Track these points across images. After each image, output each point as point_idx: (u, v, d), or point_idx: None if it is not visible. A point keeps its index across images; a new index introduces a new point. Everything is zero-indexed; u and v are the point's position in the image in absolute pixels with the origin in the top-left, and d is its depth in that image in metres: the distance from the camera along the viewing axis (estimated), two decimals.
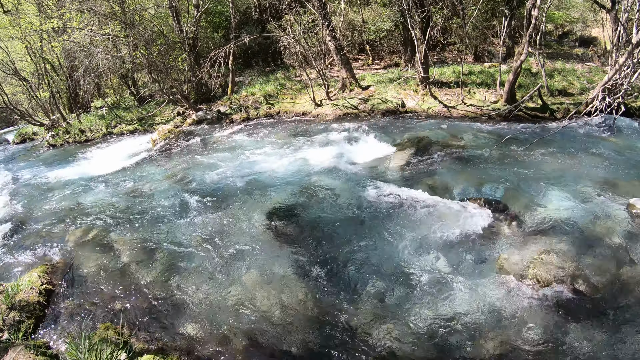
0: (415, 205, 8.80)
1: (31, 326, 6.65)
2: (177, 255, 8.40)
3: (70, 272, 8.49)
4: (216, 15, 25.38)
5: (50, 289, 7.72)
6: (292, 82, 19.98)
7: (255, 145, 14.34)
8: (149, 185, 12.21)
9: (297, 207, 9.46)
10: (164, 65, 20.73)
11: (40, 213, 12.13)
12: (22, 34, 24.32)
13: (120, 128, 22.02)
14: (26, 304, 7.03)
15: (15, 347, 5.59)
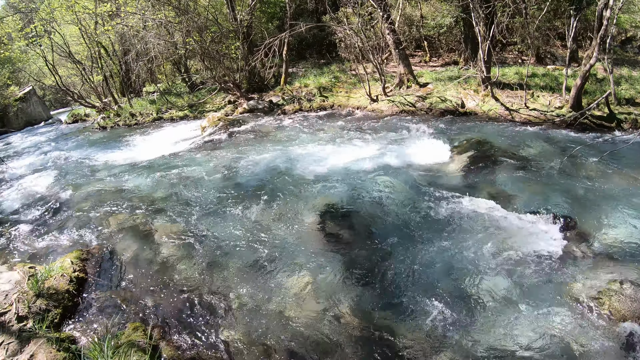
0: (475, 215, 8.01)
1: (57, 316, 6.27)
2: (218, 251, 7.85)
3: (106, 260, 8.10)
4: (271, 5, 25.24)
5: (83, 278, 7.36)
6: (347, 75, 19.51)
7: (307, 138, 13.86)
8: (196, 174, 11.92)
9: (350, 208, 8.75)
10: (217, 53, 20.64)
11: (84, 194, 12.04)
12: (76, 18, 24.69)
13: (170, 113, 22.13)
14: (55, 292, 6.66)
15: (37, 339, 5.37)
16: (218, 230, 8.47)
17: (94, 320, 6.34)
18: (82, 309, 6.68)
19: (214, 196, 10.11)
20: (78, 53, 29.80)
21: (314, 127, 15.15)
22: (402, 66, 17.14)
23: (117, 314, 6.42)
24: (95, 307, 6.67)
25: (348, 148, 12.18)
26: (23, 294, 6.48)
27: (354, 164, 10.90)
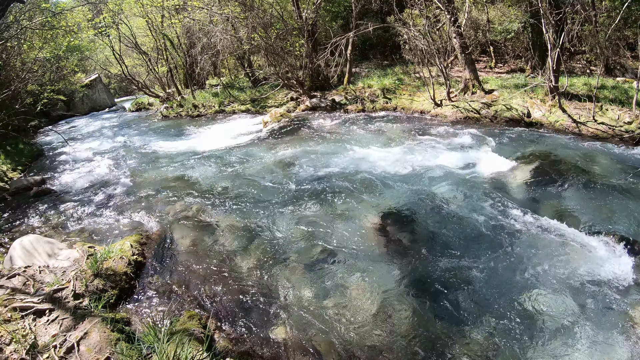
0: (537, 231, 7.79)
1: (113, 297, 6.44)
2: (276, 247, 7.84)
3: (164, 246, 8.25)
4: (335, 4, 25.34)
5: (141, 262, 7.53)
6: (411, 78, 19.42)
7: (369, 139, 13.86)
8: (256, 168, 12.10)
9: (411, 213, 8.65)
10: (281, 50, 20.93)
11: (145, 180, 12.47)
12: (144, 11, 25.39)
13: (232, 107, 22.58)
14: (113, 274, 6.84)
15: (92, 318, 5.44)
16: (277, 226, 8.55)
17: (149, 304, 6.51)
18: (138, 292, 6.85)
19: (274, 191, 10.25)
20: (144, 44, 30.73)
21: (377, 129, 15.15)
22: (467, 71, 16.95)
23: (173, 300, 6.57)
24: (151, 292, 6.84)
25: (410, 152, 12.12)
26: (81, 272, 6.72)
27: (416, 168, 10.88)
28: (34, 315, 5.62)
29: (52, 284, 6.47)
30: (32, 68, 20.24)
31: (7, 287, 6.56)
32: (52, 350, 4.82)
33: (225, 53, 23.46)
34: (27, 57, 18.91)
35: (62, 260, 7.40)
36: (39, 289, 6.41)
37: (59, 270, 7.03)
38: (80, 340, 4.99)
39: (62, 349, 4.85)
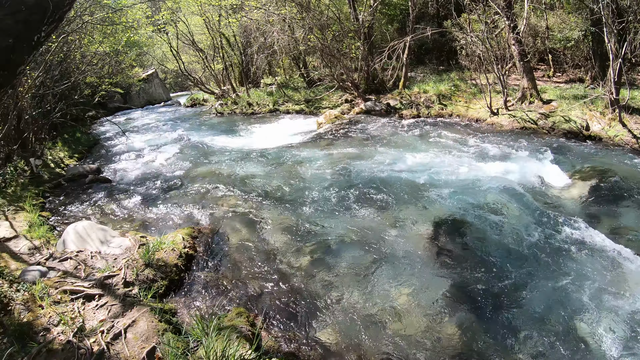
0: (593, 250, 7.38)
1: (163, 288, 6.48)
2: (326, 249, 7.72)
3: (215, 241, 8.27)
4: (391, 7, 25.27)
5: (191, 255, 7.55)
6: (467, 84, 19.09)
7: (424, 145, 13.67)
8: (309, 168, 12.05)
9: (463, 224, 8.36)
10: (337, 51, 21.10)
11: (198, 174, 12.58)
12: (201, 10, 25.99)
13: (286, 106, 22.78)
14: (164, 265, 6.86)
15: (141, 307, 5.45)
16: (327, 227, 8.46)
17: (197, 297, 6.51)
18: (187, 284, 6.88)
19: (326, 193, 10.18)
20: (201, 42, 31.33)
21: (431, 135, 14.92)
22: (525, 80, 16.81)
23: (221, 295, 6.54)
24: (200, 285, 6.85)
25: (465, 161, 11.91)
26: (132, 261, 6.80)
27: (469, 178, 10.64)
28: (83, 299, 5.73)
29: (103, 270, 6.59)
30: (91, 61, 20.95)
31: (58, 269, 6.76)
32: (99, 335, 4.89)
33: (282, 53, 23.92)
34: (87, 50, 19.60)
35: (114, 248, 7.58)
36: (89, 274, 6.56)
37: (110, 257, 7.21)
38: (127, 327, 5.04)
39: (109, 334, 4.92)
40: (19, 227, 8.97)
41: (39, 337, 4.91)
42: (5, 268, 6.50)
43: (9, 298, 5.45)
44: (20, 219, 9.51)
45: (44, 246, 7.95)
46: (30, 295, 5.61)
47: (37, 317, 5.22)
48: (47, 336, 4.91)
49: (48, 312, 5.32)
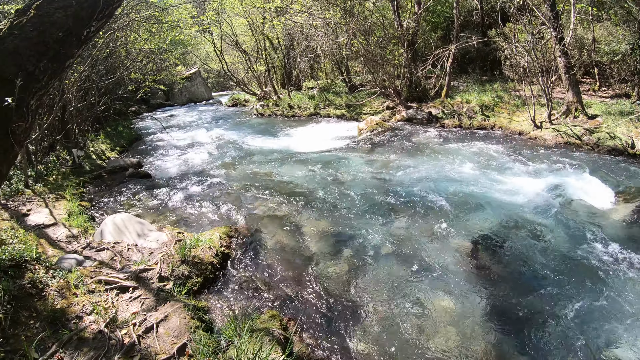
0: (634, 276, 7.04)
1: (197, 285, 6.50)
2: (362, 256, 7.65)
3: (251, 242, 8.24)
4: (435, 14, 25.10)
5: (227, 254, 7.56)
6: (510, 96, 18.76)
7: (465, 157, 13.42)
8: (348, 175, 11.99)
9: (503, 240, 8.20)
10: (380, 57, 21.03)
11: (237, 174, 12.68)
12: (245, 11, 26.27)
13: (327, 111, 22.78)
14: (199, 262, 6.90)
15: (174, 302, 5.49)
16: (364, 235, 8.37)
17: (231, 297, 6.49)
18: (221, 283, 6.88)
19: (365, 200, 10.11)
20: (244, 43, 31.71)
21: (473, 147, 14.69)
22: (571, 93, 16.41)
23: (255, 297, 6.52)
24: (234, 285, 6.84)
25: (506, 174, 11.69)
26: (168, 256, 6.86)
27: (510, 193, 10.46)
28: (117, 290, 5.81)
29: (139, 263, 6.67)
30: (136, 58, 21.38)
31: (94, 259, 6.87)
32: (131, 327, 4.93)
33: (325, 57, 23.98)
34: (133, 47, 20.00)
35: (151, 242, 7.67)
36: (125, 266, 6.65)
37: (146, 251, 7.28)
38: (159, 322, 5.08)
39: (141, 327, 4.96)
40: (58, 214, 9.17)
41: (70, 324, 4.98)
42: (42, 254, 6.60)
43: (44, 284, 5.54)
44: (60, 207, 9.72)
45: (81, 235, 8.11)
46: (65, 282, 5.71)
47: (71, 305, 5.30)
48: (79, 324, 4.97)
49: (82, 301, 5.40)
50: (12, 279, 5.42)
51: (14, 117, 3.30)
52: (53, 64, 3.47)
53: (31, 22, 3.36)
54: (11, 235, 7.18)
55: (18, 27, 3.36)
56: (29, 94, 3.38)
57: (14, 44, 3.32)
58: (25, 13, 3.41)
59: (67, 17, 3.40)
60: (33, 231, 8.06)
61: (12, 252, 5.88)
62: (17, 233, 7.54)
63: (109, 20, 3.85)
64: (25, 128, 3.45)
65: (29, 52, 3.32)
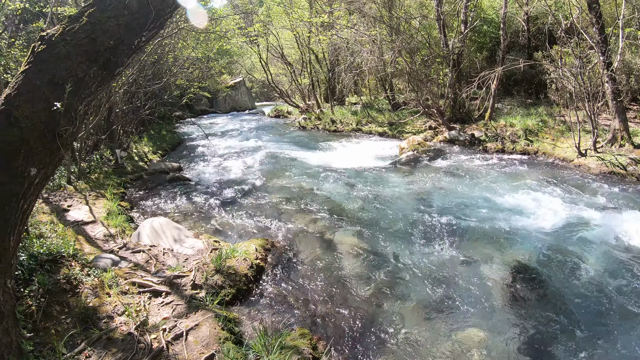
0: None
1: (229, 296, 6.43)
2: (396, 279, 7.52)
3: (286, 256, 8.16)
4: (481, 34, 24.86)
5: (261, 267, 7.50)
6: (555, 121, 18.25)
7: (506, 183, 13.09)
8: (387, 194, 11.84)
9: (540, 272, 7.89)
10: (424, 76, 20.98)
11: (276, 186, 12.68)
12: (292, 25, 26.60)
13: (369, 127, 22.74)
14: (233, 273, 6.86)
15: (205, 311, 5.48)
16: (400, 257, 8.27)
17: (262, 311, 6.39)
18: (254, 296, 6.82)
19: (402, 221, 9.95)
20: (289, 55, 32.10)
21: (515, 172, 14.37)
22: (617, 120, 15.93)
23: (287, 313, 6.42)
24: (266, 299, 6.77)
25: (548, 204, 11.26)
26: (203, 264, 6.86)
27: (551, 222, 10.08)
28: (150, 294, 5.86)
29: (173, 268, 6.73)
30: (183, 65, 21.85)
31: (130, 260, 6.97)
32: (160, 332, 4.95)
33: (369, 74, 24.01)
34: (180, 54, 20.43)
35: (187, 248, 7.72)
36: (159, 270, 6.70)
37: (181, 257, 7.33)
38: (189, 330, 5.08)
39: (170, 333, 4.96)
40: (97, 213, 9.41)
41: (101, 323, 5.06)
42: (79, 251, 6.75)
43: (78, 281, 5.65)
44: (100, 205, 9.98)
45: (118, 235, 8.27)
46: (100, 281, 5.81)
47: (103, 304, 5.39)
48: (109, 324, 5.04)
49: (114, 301, 5.48)
50: (48, 273, 5.54)
51: (62, 121, 3.39)
52: (103, 71, 3.55)
53: (83, 29, 3.45)
54: (50, 229, 7.38)
55: (70, 33, 3.45)
56: (78, 99, 3.47)
57: (65, 50, 3.41)
58: (78, 20, 3.51)
59: (119, 26, 3.48)
60: (72, 227, 8.29)
61: (50, 246, 6.02)
62: (56, 227, 7.74)
63: (159, 30, 3.94)
64: (72, 132, 3.53)
65: (80, 59, 3.41)
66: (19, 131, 3.33)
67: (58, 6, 12.97)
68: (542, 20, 22.72)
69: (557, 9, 20.24)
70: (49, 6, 12.83)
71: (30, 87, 3.39)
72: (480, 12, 23.50)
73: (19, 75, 3.48)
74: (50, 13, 12.39)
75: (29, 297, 4.98)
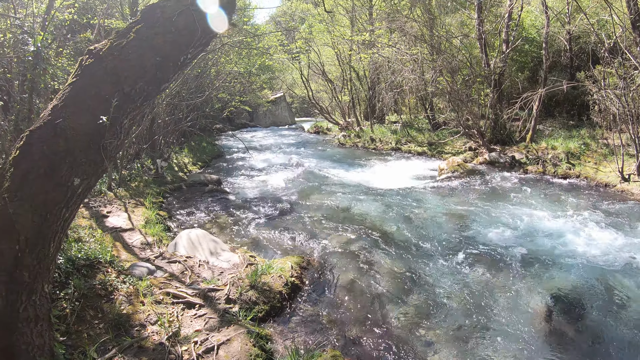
0: None
1: (262, 312, 6.36)
2: (431, 304, 7.36)
3: (322, 275, 8.04)
4: (522, 54, 24.45)
5: (296, 285, 7.41)
6: (598, 144, 17.79)
7: (546, 207, 12.74)
8: (425, 216, 11.67)
9: (582, 304, 7.58)
10: (465, 96, 20.79)
11: (313, 202, 12.65)
12: (334, 42, 26.82)
13: (408, 147, 22.61)
14: (268, 290, 6.81)
15: (238, 327, 5.44)
16: (435, 281, 8.12)
17: (295, 329, 6.32)
18: (287, 314, 6.72)
19: (439, 244, 9.76)
20: (330, 72, 32.30)
21: (556, 197, 14.01)
22: None
23: (319, 333, 6.32)
24: (300, 317, 6.68)
25: (589, 231, 10.87)
26: (238, 279, 6.84)
27: (592, 251, 9.68)
28: (183, 305, 5.88)
29: (208, 281, 6.76)
30: (225, 79, 22.21)
31: (165, 270, 7.03)
32: (192, 344, 4.95)
33: (410, 93, 23.93)
34: (223, 68, 20.73)
35: (222, 261, 7.75)
36: (194, 282, 6.73)
37: (217, 270, 7.37)
38: (221, 344, 5.05)
39: (201, 346, 4.96)
40: (135, 220, 9.58)
41: (133, 331, 5.12)
42: (116, 258, 6.89)
43: (114, 287, 5.75)
44: (139, 213, 10.16)
45: (155, 244, 8.41)
46: (135, 289, 5.89)
47: (136, 312, 5.45)
48: (141, 332, 5.09)
49: (147, 310, 5.53)
50: (85, 277, 5.66)
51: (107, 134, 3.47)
52: (149, 87, 3.63)
53: (130, 45, 3.54)
54: (89, 234, 7.54)
55: (118, 48, 3.55)
56: (123, 113, 3.55)
57: (112, 64, 3.51)
58: (125, 36, 3.61)
59: (166, 43, 3.56)
60: (110, 233, 8.44)
61: (88, 251, 6.17)
62: (95, 233, 7.90)
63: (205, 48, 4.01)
64: (116, 145, 3.62)
65: (127, 74, 3.50)
66: (65, 142, 3.43)
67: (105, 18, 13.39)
68: (584, 39, 22.22)
69: (599, 27, 19.81)
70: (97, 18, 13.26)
71: (77, 100, 3.50)
72: (522, 31, 23.11)
73: (67, 87, 3.59)
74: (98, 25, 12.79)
75: (64, 300, 5.08)
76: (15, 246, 3.36)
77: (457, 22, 23.38)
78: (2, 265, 3.35)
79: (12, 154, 3.51)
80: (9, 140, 7.45)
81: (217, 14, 3.89)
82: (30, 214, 3.39)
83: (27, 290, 3.52)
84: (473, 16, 20.88)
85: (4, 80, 8.13)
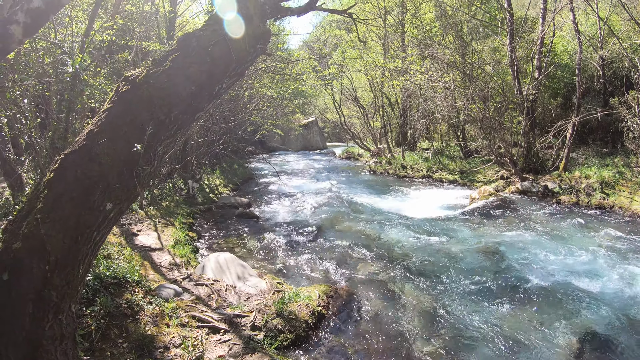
0: None
1: (287, 341, 6.29)
2: (459, 339, 7.20)
3: (349, 305, 7.93)
4: (555, 80, 24.12)
5: (323, 314, 7.31)
6: (633, 172, 17.32)
7: (580, 240, 12.42)
8: (455, 247, 11.48)
9: (613, 343, 7.35)
10: (498, 124, 20.61)
11: (342, 230, 12.58)
12: (366, 68, 26.95)
13: (440, 174, 22.49)
14: (294, 318, 6.71)
15: (262, 355, 5.45)
16: (465, 315, 7.96)
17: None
18: (312, 344, 6.63)
19: (469, 276, 9.61)
20: (362, 98, 32.52)
21: (590, 228, 13.58)
22: None
23: None
24: (324, 348, 6.59)
25: (624, 264, 10.55)
26: (265, 306, 6.80)
27: (627, 287, 9.38)
28: (208, 329, 5.86)
29: (235, 307, 6.74)
30: (258, 102, 22.49)
31: (192, 292, 7.04)
32: None
33: (442, 120, 23.86)
34: (256, 92, 21.02)
35: (249, 287, 7.74)
36: (220, 306, 6.72)
37: (243, 295, 7.35)
38: None
39: None
40: (165, 240, 9.65)
41: (156, 352, 5.12)
42: (144, 277, 6.92)
43: (140, 307, 5.80)
44: (169, 233, 10.24)
45: (183, 265, 8.43)
46: (160, 311, 5.92)
47: (161, 334, 5.46)
48: (164, 355, 5.10)
49: (172, 332, 5.54)
50: (112, 295, 5.73)
51: (141, 161, 3.54)
52: (184, 115, 3.70)
53: (166, 74, 3.61)
54: (118, 252, 7.62)
55: (154, 76, 3.63)
56: (157, 141, 3.61)
57: (148, 92, 3.59)
58: (162, 64, 3.69)
59: (201, 72, 3.63)
60: (139, 252, 8.50)
61: (116, 270, 6.25)
62: (124, 251, 7.96)
63: (240, 78, 4.07)
64: (150, 172, 3.68)
65: (162, 102, 3.57)
66: (99, 167, 3.50)
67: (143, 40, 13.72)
68: (617, 64, 21.90)
69: (632, 51, 19.53)
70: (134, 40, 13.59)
71: (112, 126, 3.58)
72: (554, 57, 22.90)
73: (102, 112, 3.68)
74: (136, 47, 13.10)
75: (90, 317, 5.13)
76: (46, 266, 3.42)
77: (489, 48, 23.36)
78: (32, 283, 3.40)
79: (47, 174, 3.59)
80: (44, 156, 7.61)
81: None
82: (61, 236, 3.45)
83: (54, 309, 3.55)
84: (505, 42, 20.81)
85: (42, 97, 8.33)
